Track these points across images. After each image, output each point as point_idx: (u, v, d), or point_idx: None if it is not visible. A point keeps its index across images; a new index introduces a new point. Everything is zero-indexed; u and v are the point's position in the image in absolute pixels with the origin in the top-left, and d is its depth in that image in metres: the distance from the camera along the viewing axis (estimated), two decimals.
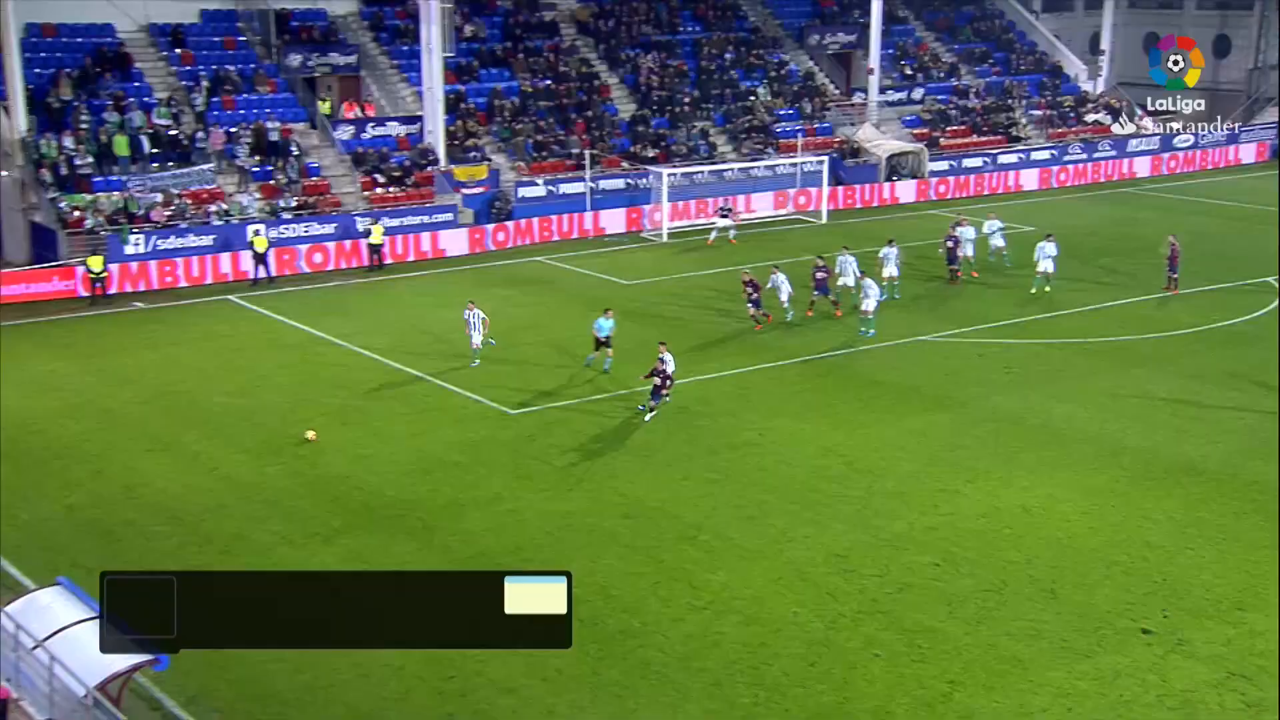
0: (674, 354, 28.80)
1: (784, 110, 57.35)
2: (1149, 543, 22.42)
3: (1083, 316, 36.94)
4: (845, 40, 62.48)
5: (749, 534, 22.76)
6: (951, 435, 27.50)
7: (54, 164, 42.38)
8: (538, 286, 40.67)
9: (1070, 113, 63.80)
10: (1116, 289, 39.93)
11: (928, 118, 60.33)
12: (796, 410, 29.13)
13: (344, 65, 50.76)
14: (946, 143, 59.02)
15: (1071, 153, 60.69)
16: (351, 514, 23.69)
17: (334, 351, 33.86)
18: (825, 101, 59.00)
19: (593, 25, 57.46)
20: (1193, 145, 64.65)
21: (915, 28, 66.44)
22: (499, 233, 46.20)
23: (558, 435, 27.37)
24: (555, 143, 51.11)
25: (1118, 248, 45.82)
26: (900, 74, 62.31)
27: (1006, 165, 58.69)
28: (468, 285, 40.86)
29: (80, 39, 47.00)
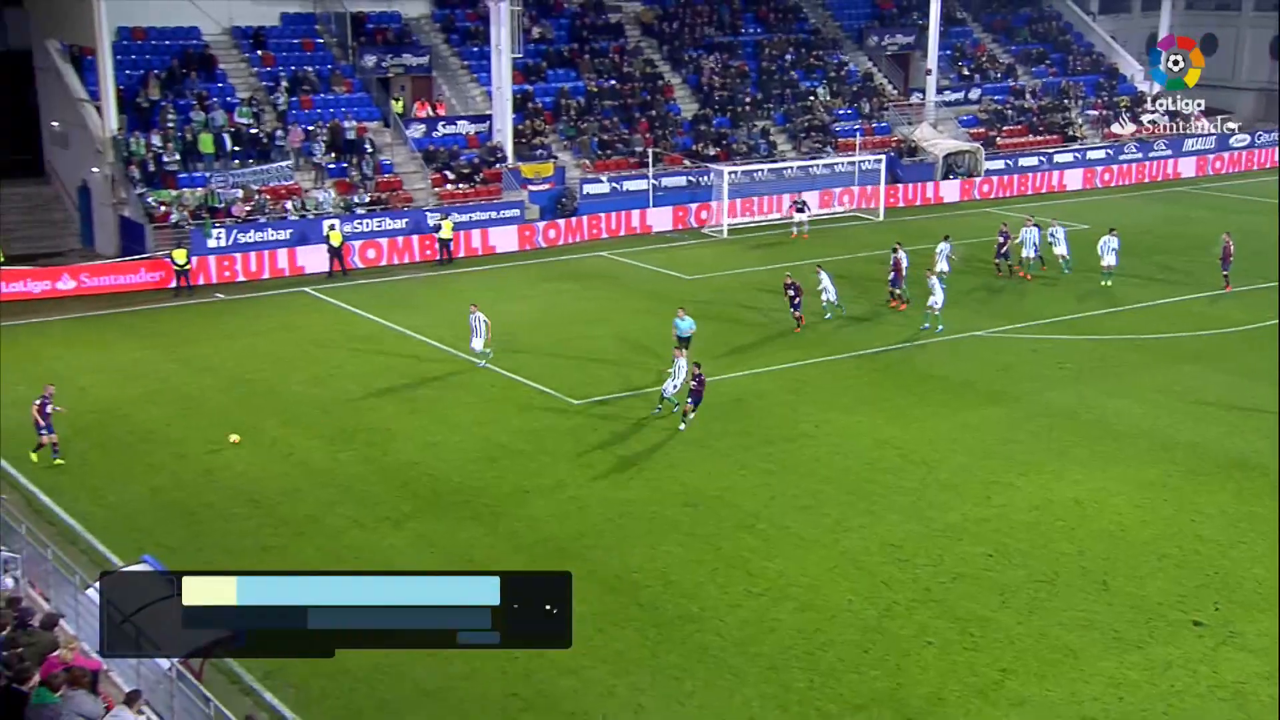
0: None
1: (843, 110, 56.98)
2: (1201, 536, 22.07)
3: (1136, 313, 36.39)
4: (904, 41, 61.95)
5: (805, 523, 22.67)
6: (1005, 429, 27.21)
7: (142, 161, 43.04)
8: (600, 281, 40.73)
9: (1126, 113, 62.77)
10: (1170, 286, 39.31)
11: (984, 117, 59.69)
12: (851, 403, 28.95)
13: (416, 66, 51.07)
14: (1003, 142, 58.37)
15: (1126, 152, 59.78)
16: (420, 499, 23.87)
17: (404, 342, 34.11)
18: (883, 101, 58.55)
19: (656, 27, 57.39)
20: (1249, 145, 63.46)
21: (973, 29, 65.72)
22: (563, 228, 46.31)
23: (619, 425, 27.40)
24: (619, 141, 51.12)
25: (1171, 246, 45.09)
26: (957, 75, 61.71)
27: (1061, 164, 57.94)
28: (532, 279, 41.02)
29: (168, 41, 47.68)
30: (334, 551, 21.77)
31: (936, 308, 34.04)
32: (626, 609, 19.77)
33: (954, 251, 38.51)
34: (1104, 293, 38.19)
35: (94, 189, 44.29)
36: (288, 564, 21.29)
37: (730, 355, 32.47)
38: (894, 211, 50.98)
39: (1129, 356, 32.32)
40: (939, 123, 58.08)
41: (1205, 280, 39.70)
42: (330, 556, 21.58)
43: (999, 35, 66.01)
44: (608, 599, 20.04)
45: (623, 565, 21.17)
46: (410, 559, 21.46)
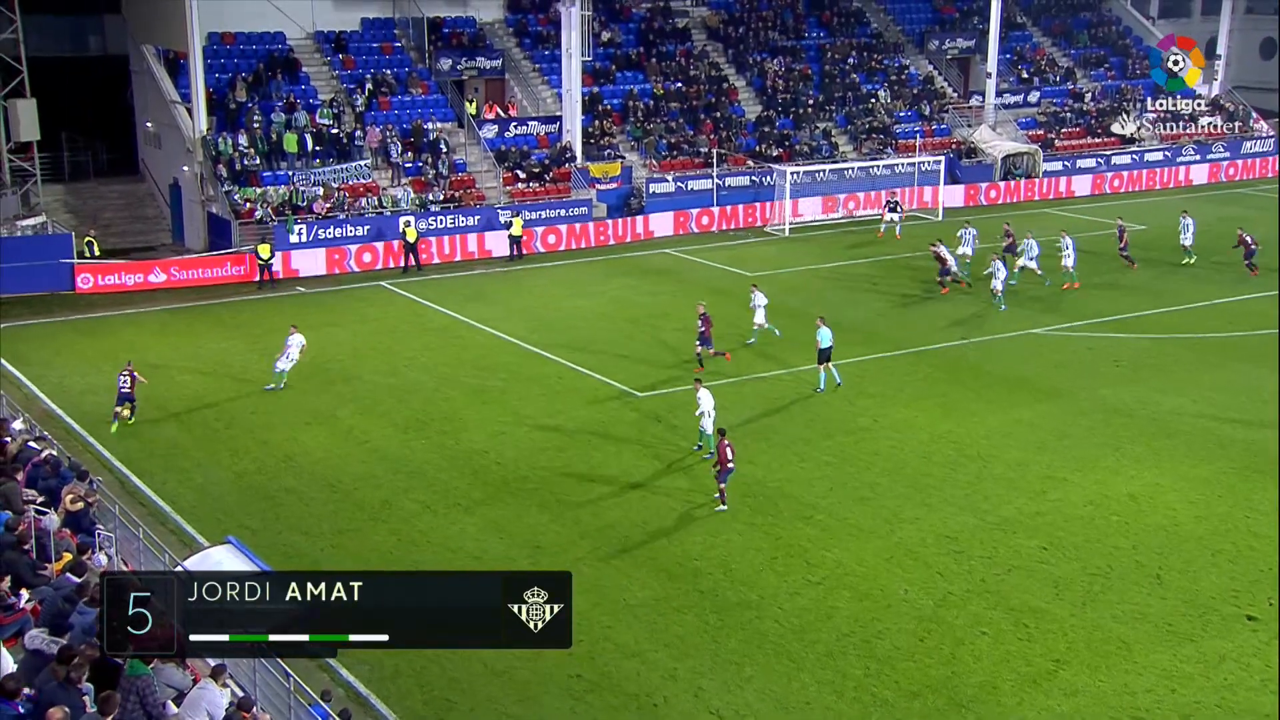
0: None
1: (903, 112, 56.46)
2: (1255, 533, 21.64)
3: (1191, 313, 35.74)
4: (964, 45, 61.25)
5: (862, 514, 22.53)
6: (1060, 425, 26.86)
7: (229, 160, 43.66)
8: (665, 277, 40.73)
9: (1185, 115, 61.67)
10: (1226, 286, 38.55)
11: (1043, 120, 58.89)
12: (909, 398, 28.71)
13: (490, 69, 51.33)
14: (1061, 144, 57.56)
15: (1185, 155, 58.69)
16: (490, 486, 24.02)
17: (475, 335, 34.34)
18: (943, 104, 57.93)
19: (722, 31, 57.20)
20: None
21: (1032, 34, 64.81)
22: (630, 225, 46.34)
23: (681, 417, 27.38)
24: (685, 142, 51.04)
25: (1226, 246, 44.18)
26: (1017, 78, 60.89)
27: (1119, 166, 57.01)
28: (599, 276, 41.11)
29: (255, 46, 48.32)
30: (407, 535, 21.98)
31: (998, 289, 35.28)
32: (687, 595, 19.77)
33: (977, 237, 39.25)
34: (1158, 294, 37.51)
35: (184, 186, 45.00)
36: (362, 546, 21.55)
37: (792, 351, 32.33)
38: (954, 211, 50.43)
39: (1183, 354, 31.76)
40: (998, 125, 57.39)
41: (1259, 281, 38.89)
42: (404, 540, 21.79)
43: (1058, 39, 65.04)
44: (669, 585, 20.06)
45: (684, 553, 21.17)
46: (480, 544, 21.62)
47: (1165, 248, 44.00)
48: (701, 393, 24.86)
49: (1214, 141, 60.06)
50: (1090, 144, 58.24)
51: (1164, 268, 41.23)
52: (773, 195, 48.83)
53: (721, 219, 48.29)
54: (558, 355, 31.92)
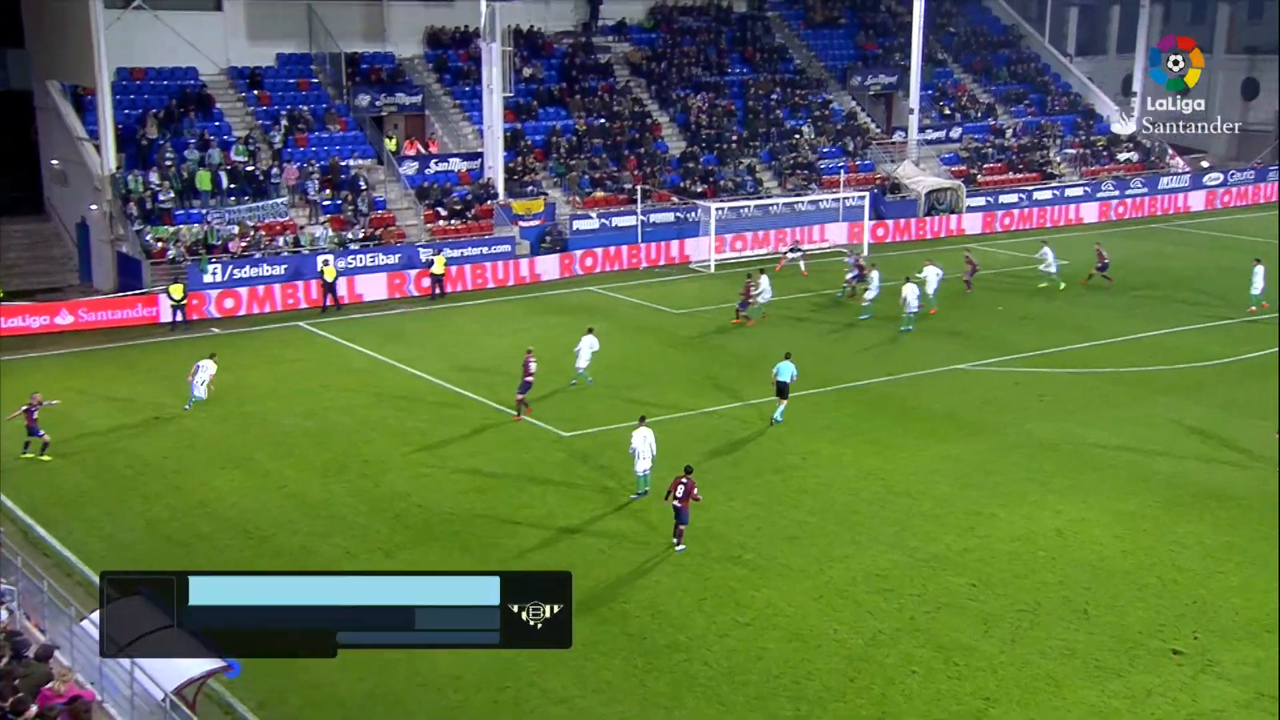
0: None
1: (827, 148, 57.32)
2: (1179, 566, 22.09)
3: (1114, 347, 36.53)
4: (886, 81, 62.39)
5: (792, 553, 22.64)
6: (987, 460, 27.25)
7: (140, 198, 43.06)
8: (590, 315, 40.75)
9: (1103, 152, 63.33)
10: (1146, 320, 39.46)
11: (965, 156, 60.06)
12: (837, 435, 28.97)
13: (410, 105, 51.28)
14: (983, 180, 58.72)
15: (1104, 190, 60.18)
16: (412, 530, 23.79)
17: (396, 375, 34.09)
18: (867, 140, 58.91)
19: (645, 67, 57.71)
20: (1222, 183, 63.91)
21: (953, 70, 66.21)
22: (554, 263, 46.40)
23: (608, 457, 27.37)
24: (608, 178, 51.32)
25: (1147, 281, 45.33)
26: (939, 114, 62.11)
27: (1041, 201, 58.27)
28: (523, 313, 41.06)
29: (166, 81, 47.82)
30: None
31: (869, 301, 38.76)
32: (615, 638, 19.70)
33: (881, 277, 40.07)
34: (1082, 328, 38.32)
35: (92, 226, 44.27)
36: None
37: (719, 388, 32.50)
38: (878, 247, 51.15)
39: (1107, 389, 32.43)
40: (921, 160, 58.44)
41: (1181, 314, 39.92)
42: None
43: (979, 76, 66.50)
44: (597, 629, 19.97)
45: (611, 596, 21.10)
46: None
47: (1090, 286, 45.01)
48: (636, 432, 24.88)
49: (1132, 177, 61.65)
50: (1012, 179, 59.50)
51: (1088, 302, 42.13)
52: (698, 231, 49.21)
53: (647, 255, 48.56)
54: (481, 395, 31.78)
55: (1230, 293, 41.61)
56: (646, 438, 24.79)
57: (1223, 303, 41.19)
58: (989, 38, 68.69)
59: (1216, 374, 33.79)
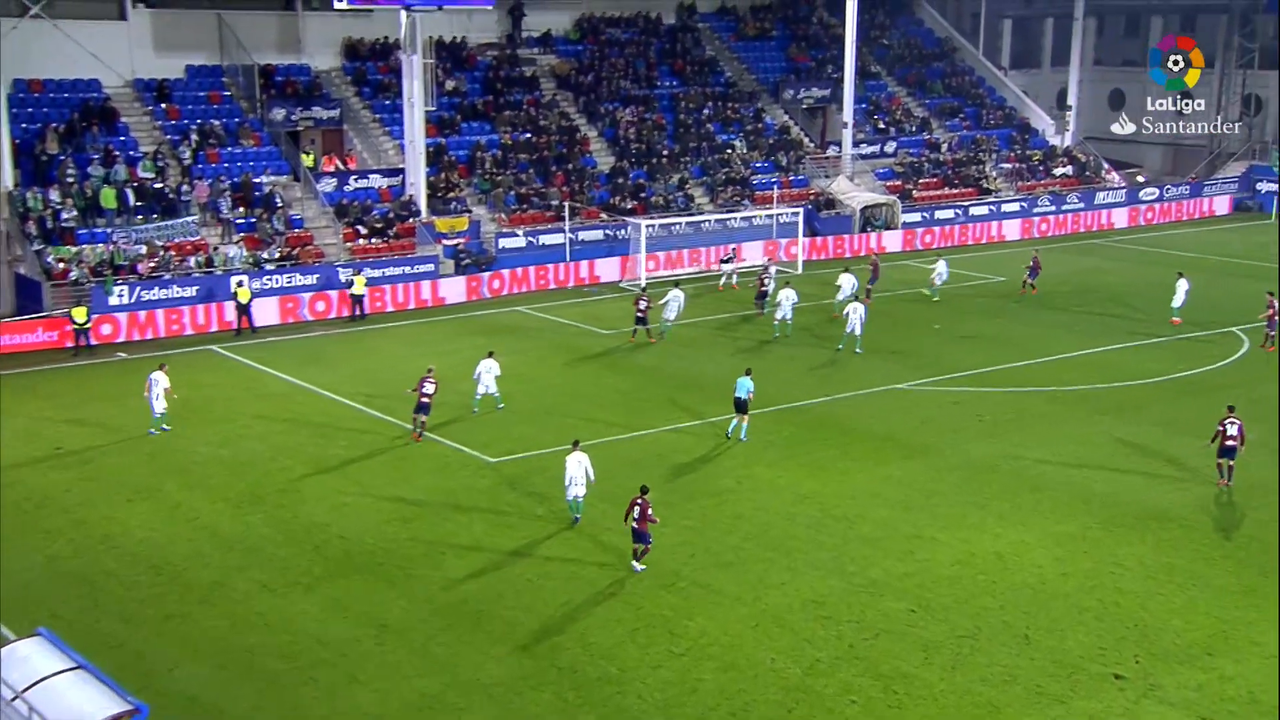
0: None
1: (760, 163, 57.80)
2: (1120, 588, 22.44)
3: (1052, 365, 37.12)
4: (819, 95, 63.09)
5: (727, 580, 22.68)
6: (926, 482, 27.54)
7: (39, 217, 42.30)
8: (517, 336, 40.69)
9: (1039, 166, 64.48)
10: (1084, 338, 40.17)
11: (900, 170, 60.85)
12: (773, 458, 29.12)
13: (327, 119, 50.95)
14: (919, 195, 59.52)
15: (1040, 205, 61.24)
16: (332, 561, 23.53)
17: (316, 401, 33.74)
18: (800, 154, 59.48)
19: (572, 79, 57.87)
20: (1158, 199, 65.32)
21: (887, 83, 67.13)
22: (480, 283, 46.26)
23: (538, 483, 27.28)
24: (535, 195, 51.32)
25: (1085, 297, 46.16)
26: (873, 128, 62.91)
27: (978, 217, 59.18)
28: (447, 335, 40.88)
29: (67, 94, 47.09)
30: (242, 618, 21.35)
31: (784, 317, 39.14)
32: (544, 672, 19.60)
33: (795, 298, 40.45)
34: (1021, 347, 38.90)
35: None
36: (191, 632, 20.85)
37: (651, 410, 32.54)
38: (812, 264, 51.59)
39: (1047, 408, 32.92)
40: (856, 175, 59.11)
41: (1118, 331, 40.70)
42: (238, 624, 21.14)
43: (913, 89, 67.49)
44: (526, 662, 19.86)
45: (541, 627, 21.01)
46: (322, 624, 21.11)
47: (1025, 299, 45.77)
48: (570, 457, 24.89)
49: (1068, 192, 62.82)
50: (948, 195, 60.37)
51: (1025, 319, 42.80)
52: (627, 249, 49.33)
53: (575, 274, 48.59)
54: (404, 420, 31.55)
55: (1167, 310, 42.47)
56: (581, 463, 24.79)
57: (1160, 319, 42.05)
58: (923, 51, 69.78)
59: (1154, 392, 34.46)
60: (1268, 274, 48.86)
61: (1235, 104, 69.86)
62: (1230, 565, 23.41)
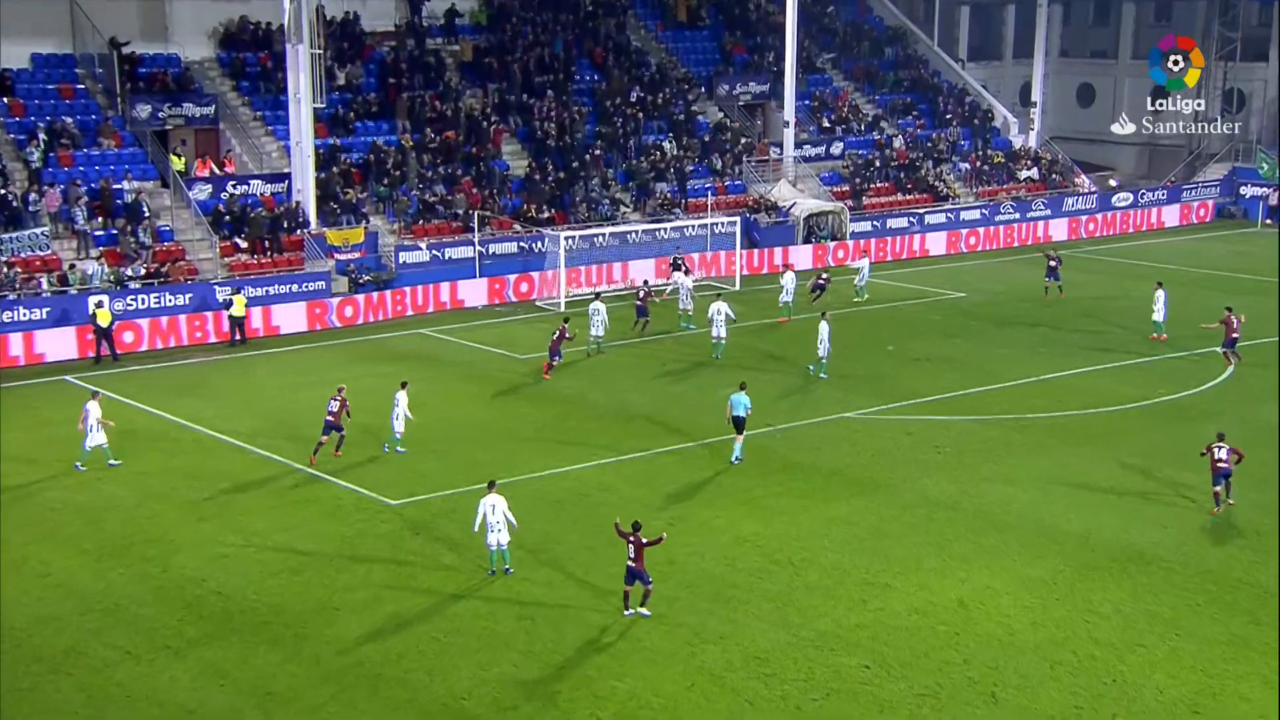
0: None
1: (692, 166, 58.12)
2: (1096, 639, 22.75)
3: (1018, 390, 37.63)
4: (758, 90, 63.67)
5: (658, 635, 22.69)
6: (879, 522, 27.77)
7: None
8: (421, 362, 40.52)
9: (1001, 169, 65.44)
10: (1053, 359, 40.78)
11: (848, 174, 61.51)
12: (708, 497, 29.22)
13: (200, 116, 50.49)
14: (869, 202, 60.19)
15: (1004, 212, 62.14)
16: (208, 622, 23.23)
17: (189, 438, 33.35)
18: (737, 156, 59.91)
19: (480, 68, 57.80)
20: (1132, 204, 66.54)
21: (833, 77, 67.95)
22: (378, 303, 46.05)
23: (446, 528, 27.14)
24: (440, 202, 51.23)
25: (1055, 314, 46.89)
26: (818, 127, 63.59)
27: (934, 226, 59.97)
28: (340, 362, 40.60)
29: None
30: (100, 689, 20.99)
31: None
32: None
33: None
34: (983, 369, 39.41)
35: None
36: (39, 708, 20.46)
37: (571, 445, 32.54)
38: (751, 280, 51.89)
39: (1011, 438, 33.37)
40: (799, 180, 59.68)
41: (1091, 352, 41.37)
42: (95, 696, 20.79)
43: (862, 83, 68.37)
44: None
45: (449, 691, 20.89)
46: (195, 695, 20.81)
47: (986, 317, 46.44)
48: (485, 500, 24.81)
49: (1034, 198, 63.86)
50: (901, 201, 61.14)
51: (987, 339, 43.38)
52: (544, 264, 49.36)
53: (486, 292, 48.50)
54: (291, 459, 31.26)
55: (1145, 326, 43.26)
56: (498, 506, 24.71)
57: (1137, 338, 42.82)
58: (873, 40, 70.64)
59: (1132, 419, 35.04)
60: (1254, 287, 50.06)
61: (1216, 100, 71.45)
62: (1217, 612, 23.81)
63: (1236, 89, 73.36)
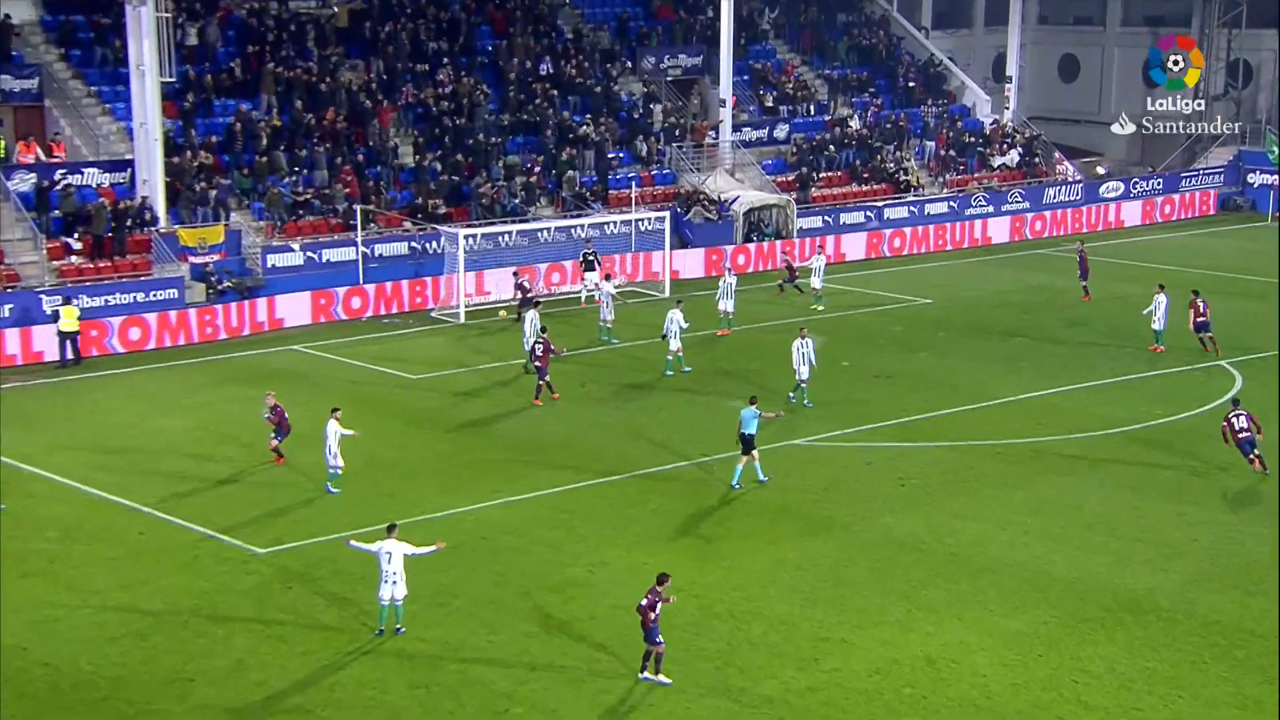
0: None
1: (613, 152, 58.16)
2: (1086, 703, 22.93)
3: (995, 411, 37.95)
4: (689, 63, 63.96)
5: (578, 704, 22.64)
6: (834, 567, 27.86)
7: None
8: (293, 384, 40.19)
9: (973, 154, 65.99)
10: (1034, 375, 41.17)
11: (795, 160, 61.82)
12: (635, 539, 29.20)
13: (21, 91, 49.94)
14: (819, 194, 60.53)
15: (975, 205, 62.70)
16: (33, 700, 22.88)
17: (8, 477, 32.86)
18: (666, 140, 60.05)
19: (362, 39, 57.54)
20: (1123, 194, 67.33)
21: (776, 47, 68.32)
22: (242, 314, 45.67)
23: (321, 579, 26.94)
24: (316, 196, 50.91)
25: (1036, 322, 47.34)
26: (759, 106, 63.88)
27: (894, 222, 60.41)
28: (194, 385, 40.26)
29: None
30: None
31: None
32: None
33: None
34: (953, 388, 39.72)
35: None
36: None
37: (473, 480, 32.42)
38: (682, 286, 51.98)
39: (988, 467, 33.63)
40: (738, 168, 59.96)
41: (1077, 367, 41.81)
42: None
43: (810, 56, 68.81)
44: None
45: None
46: None
47: (956, 327, 46.83)
48: (382, 546, 24.65)
49: (1010, 188, 64.44)
50: (857, 193, 61.54)
51: (957, 353, 43.77)
52: (441, 268, 49.19)
53: (374, 301, 48.28)
54: (136, 501, 30.91)
55: (1139, 336, 43.79)
56: (395, 554, 24.57)
57: (1130, 349, 43.33)
58: (823, 4, 71.00)
59: (1125, 445, 35.40)
60: (1264, 291, 50.75)
61: (1219, 73, 72.28)
62: (1225, 669, 24.04)
63: (1242, 60, 74.10)
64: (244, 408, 36.30)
